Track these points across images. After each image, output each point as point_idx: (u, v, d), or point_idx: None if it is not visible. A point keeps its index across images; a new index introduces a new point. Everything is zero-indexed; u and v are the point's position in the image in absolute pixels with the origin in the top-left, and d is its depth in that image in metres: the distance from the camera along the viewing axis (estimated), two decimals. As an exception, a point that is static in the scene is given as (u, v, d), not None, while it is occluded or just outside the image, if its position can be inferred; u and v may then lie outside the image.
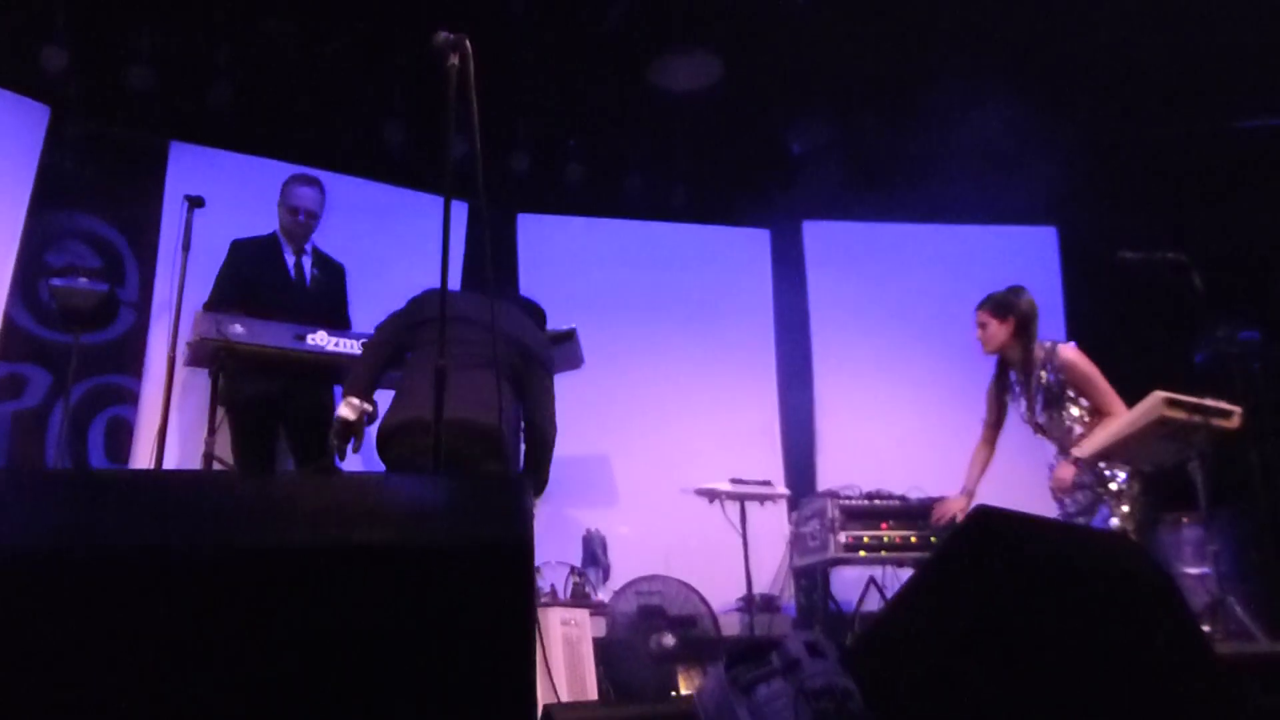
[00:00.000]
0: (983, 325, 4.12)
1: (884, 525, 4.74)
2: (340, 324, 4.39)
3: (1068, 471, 3.88)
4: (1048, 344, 4.04)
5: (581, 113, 5.93)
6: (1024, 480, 4.33)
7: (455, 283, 5.63)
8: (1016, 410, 4.14)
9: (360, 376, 3.30)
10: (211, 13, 4.95)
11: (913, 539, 4.68)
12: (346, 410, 3.19)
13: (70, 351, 4.46)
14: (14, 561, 1.34)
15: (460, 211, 5.63)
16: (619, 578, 4.75)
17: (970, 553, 1.80)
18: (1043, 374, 3.99)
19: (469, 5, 4.87)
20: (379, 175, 5.58)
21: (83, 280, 4.41)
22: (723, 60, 5.52)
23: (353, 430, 3.19)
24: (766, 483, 4.98)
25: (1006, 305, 4.07)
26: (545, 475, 3.51)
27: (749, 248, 6.34)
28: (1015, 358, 4.08)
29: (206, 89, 5.10)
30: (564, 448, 5.56)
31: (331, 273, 4.52)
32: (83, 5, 4.76)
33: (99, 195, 5.10)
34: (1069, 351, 3.98)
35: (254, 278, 4.30)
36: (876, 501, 4.82)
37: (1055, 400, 3.98)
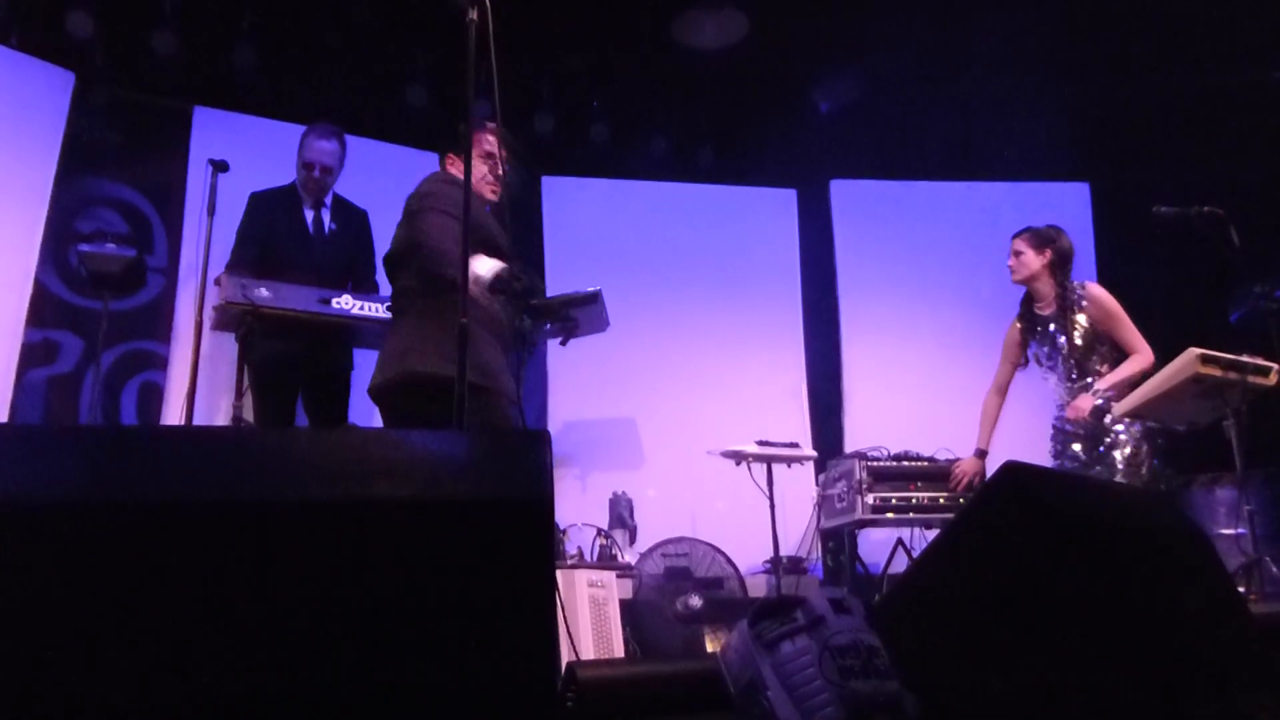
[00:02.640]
0: (1017, 253, 4.10)
1: (912, 486, 4.71)
2: (360, 274, 4.40)
3: (1087, 402, 3.86)
4: (1074, 283, 4.04)
5: (606, 73, 5.86)
6: (1024, 437, 4.30)
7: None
8: (1036, 351, 4.11)
9: None
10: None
11: (941, 500, 4.65)
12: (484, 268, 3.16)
13: (100, 317, 4.50)
14: (38, 514, 1.35)
15: (484, 174, 5.61)
16: (645, 540, 4.76)
17: (998, 509, 1.77)
18: (1076, 315, 3.97)
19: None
20: (403, 138, 5.55)
21: (110, 245, 4.43)
22: (748, 16, 5.43)
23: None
24: (794, 444, 4.96)
25: (1046, 238, 4.07)
26: None
27: (775, 208, 6.27)
28: (1046, 293, 4.05)
29: (229, 53, 5.08)
30: (591, 410, 5.65)
31: (351, 221, 4.50)
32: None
33: (125, 161, 5.12)
34: (1096, 287, 4.01)
35: (272, 232, 4.29)
36: (905, 463, 4.79)
37: (1086, 339, 3.95)
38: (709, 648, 4.13)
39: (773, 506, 4.70)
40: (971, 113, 5.94)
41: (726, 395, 5.73)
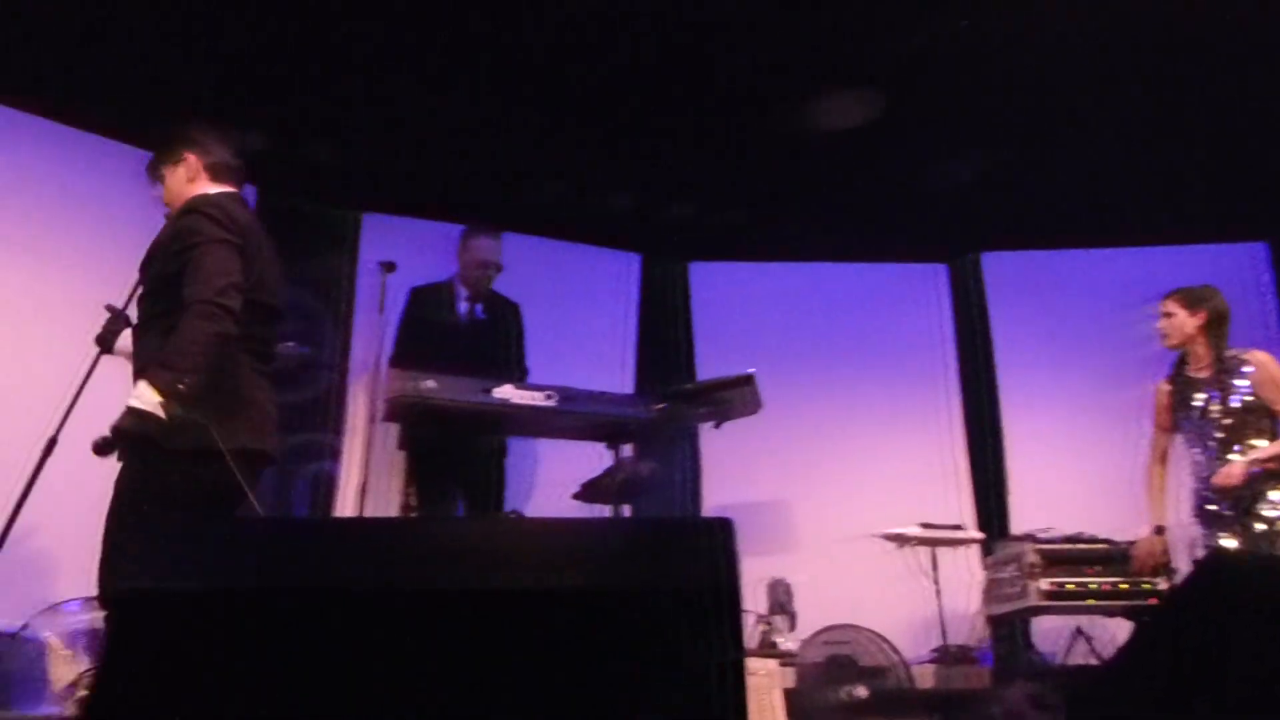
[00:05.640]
0: (1168, 314, 3.90)
1: (1089, 571, 4.43)
2: (515, 364, 4.54)
3: (1240, 468, 3.61)
4: (1235, 349, 3.81)
5: (747, 155, 5.94)
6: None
7: (632, 337, 5.75)
8: (1183, 416, 3.87)
9: None
10: (398, 96, 5.25)
11: (1123, 586, 4.35)
12: None
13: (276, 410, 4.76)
14: (241, 599, 1.42)
15: (634, 264, 5.78)
16: (805, 626, 4.65)
17: (1209, 600, 1.65)
18: (1235, 381, 3.73)
19: (629, 66, 5.01)
20: (548, 232, 5.75)
21: (290, 344, 4.72)
22: (885, 93, 5.42)
23: None
24: (957, 527, 4.78)
25: (1199, 298, 3.86)
26: None
27: (926, 283, 6.18)
28: (1201, 355, 3.83)
29: (392, 165, 5.43)
30: (744, 493, 5.60)
31: (505, 313, 4.68)
32: (279, 95, 5.15)
33: (300, 264, 5.47)
34: (1262, 354, 3.77)
35: (431, 324, 4.51)
36: (1080, 545, 4.53)
37: (1244, 407, 3.69)
38: (878, 741, 3.97)
39: (938, 592, 4.52)
40: (1129, 174, 5.73)
41: (882, 475, 5.61)
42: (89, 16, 4.35)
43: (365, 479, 3.95)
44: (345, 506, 4.89)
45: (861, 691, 4.16)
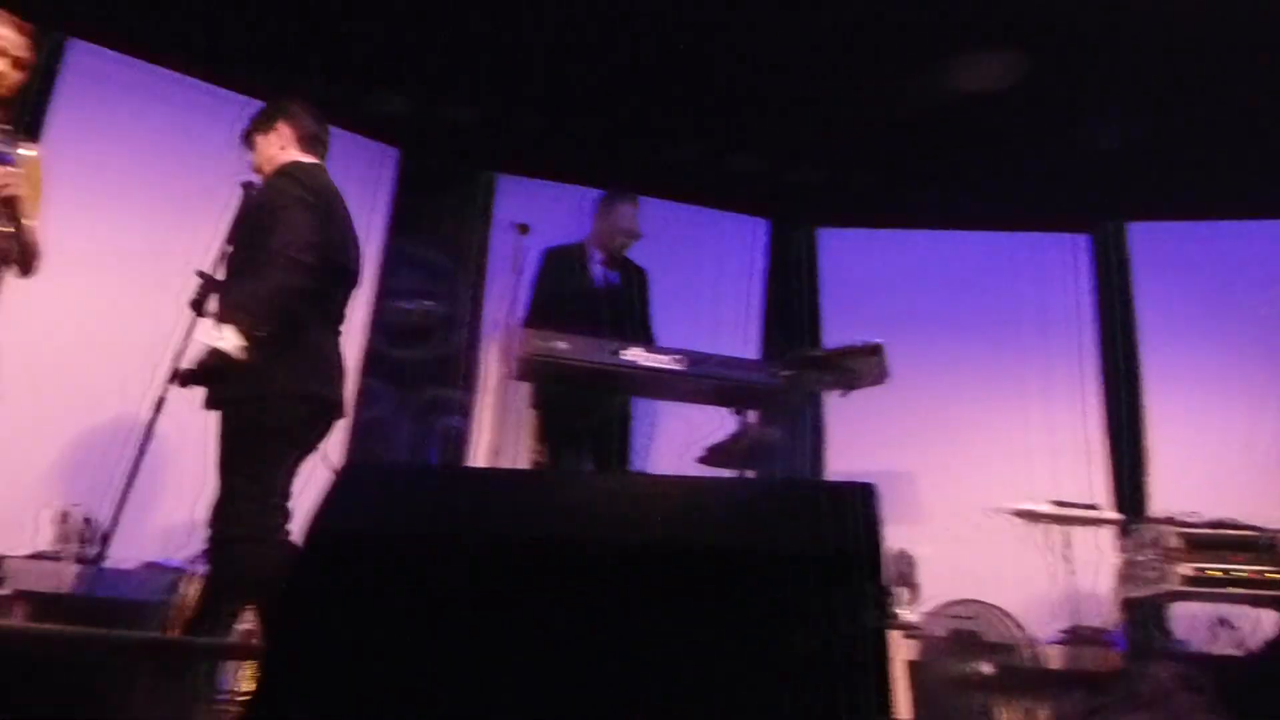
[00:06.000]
0: None
1: (1235, 558, 4.23)
2: (641, 329, 4.59)
3: None
4: None
5: (881, 118, 5.79)
6: None
7: (759, 303, 5.71)
8: None
9: None
10: (533, 59, 5.32)
11: (1272, 575, 4.14)
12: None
13: (410, 366, 4.95)
14: (385, 545, 1.49)
15: (762, 229, 5.74)
16: (927, 599, 4.58)
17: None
18: None
19: (761, 30, 4.94)
20: (676, 195, 5.76)
21: (426, 302, 4.89)
22: (1029, 55, 5.19)
23: None
24: (1092, 505, 4.63)
25: None
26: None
27: (1066, 253, 5.95)
28: None
29: (527, 128, 5.52)
30: (868, 463, 5.53)
31: (634, 278, 4.73)
32: (420, 57, 5.28)
33: (437, 225, 5.65)
34: None
35: (563, 286, 4.59)
36: (1225, 531, 4.33)
37: None
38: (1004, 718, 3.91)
39: (1070, 572, 4.39)
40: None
41: (1010, 450, 5.46)
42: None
43: (497, 436, 4.06)
44: (476, 463, 5.04)
45: (987, 667, 4.09)
